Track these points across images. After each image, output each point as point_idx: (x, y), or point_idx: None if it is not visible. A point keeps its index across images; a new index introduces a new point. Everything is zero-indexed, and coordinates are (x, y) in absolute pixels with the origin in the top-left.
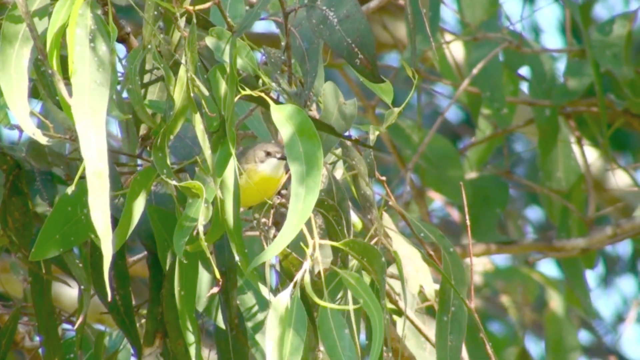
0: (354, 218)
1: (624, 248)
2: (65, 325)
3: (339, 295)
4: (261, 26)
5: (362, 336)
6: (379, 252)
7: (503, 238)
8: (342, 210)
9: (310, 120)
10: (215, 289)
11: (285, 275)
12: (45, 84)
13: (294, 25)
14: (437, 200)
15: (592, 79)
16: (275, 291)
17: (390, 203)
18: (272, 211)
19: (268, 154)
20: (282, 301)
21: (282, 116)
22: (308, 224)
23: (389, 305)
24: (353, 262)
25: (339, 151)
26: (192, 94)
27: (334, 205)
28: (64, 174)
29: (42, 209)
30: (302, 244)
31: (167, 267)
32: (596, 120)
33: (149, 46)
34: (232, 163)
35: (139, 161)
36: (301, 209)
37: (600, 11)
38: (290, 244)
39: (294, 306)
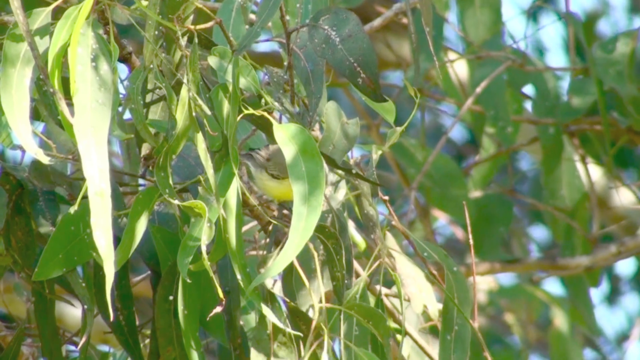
0: (358, 238)
1: (629, 266)
2: (70, 347)
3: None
4: (264, 45)
5: None
6: (383, 316)
7: (507, 257)
8: (343, 240)
9: (314, 139)
10: (219, 309)
11: (288, 297)
12: (46, 104)
13: (299, 47)
14: (441, 219)
15: (595, 97)
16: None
17: (393, 223)
18: (270, 229)
19: None
20: None
21: (286, 135)
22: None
23: (393, 325)
24: (351, 293)
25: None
26: (194, 114)
27: (334, 233)
28: (67, 193)
29: (46, 228)
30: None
31: (167, 278)
32: (600, 138)
33: (151, 66)
34: (235, 182)
35: (142, 181)
36: (303, 228)
37: (604, 28)
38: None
39: None
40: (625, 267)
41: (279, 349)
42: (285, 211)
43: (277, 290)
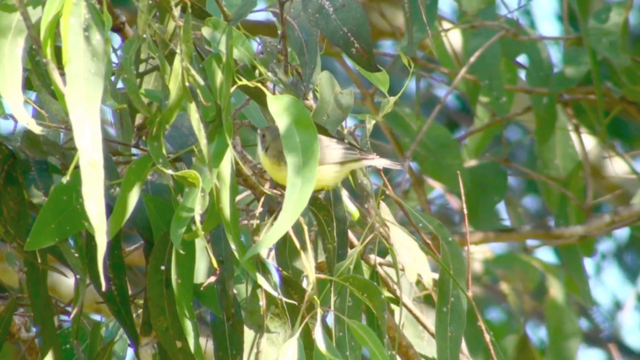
0: (352, 207)
1: (622, 235)
2: (62, 317)
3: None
4: (258, 15)
5: None
6: (378, 289)
7: (501, 226)
8: (335, 212)
9: (307, 110)
10: (213, 278)
11: (282, 267)
12: (39, 74)
13: (293, 17)
14: (436, 188)
15: (589, 67)
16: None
17: (387, 192)
18: (262, 200)
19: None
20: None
21: (279, 107)
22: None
23: (387, 294)
24: (345, 264)
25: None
26: (187, 84)
27: (325, 205)
28: (59, 163)
29: (38, 198)
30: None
31: (159, 247)
32: (594, 108)
33: (144, 35)
34: (229, 153)
35: (135, 150)
36: (297, 199)
37: None
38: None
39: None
40: (619, 236)
41: (272, 320)
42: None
43: (271, 259)
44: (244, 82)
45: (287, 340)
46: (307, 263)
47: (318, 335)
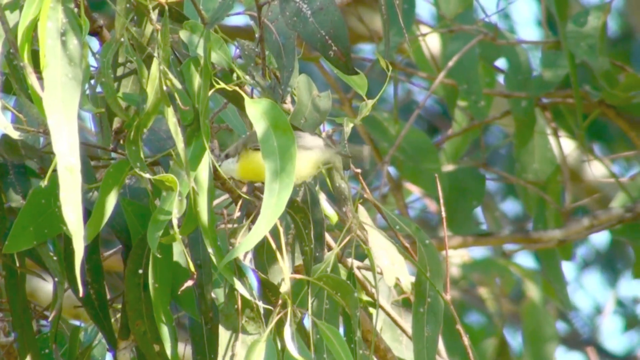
0: (330, 211)
1: (601, 239)
2: (41, 322)
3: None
4: (237, 19)
5: None
6: (352, 287)
7: (480, 230)
8: (313, 215)
9: (285, 114)
10: (190, 282)
11: (260, 270)
12: (17, 78)
13: (270, 20)
14: (414, 192)
15: (567, 71)
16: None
17: (365, 196)
18: (240, 203)
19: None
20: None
21: (257, 111)
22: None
23: (365, 298)
24: (322, 266)
25: None
26: (165, 87)
27: (303, 207)
28: (37, 167)
29: (16, 202)
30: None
31: (136, 251)
32: (572, 112)
33: (122, 39)
34: (207, 156)
35: (113, 154)
36: (275, 204)
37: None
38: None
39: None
40: (598, 240)
41: (247, 324)
42: (257, 184)
43: (249, 262)
44: (222, 85)
45: (256, 341)
46: (283, 265)
47: (287, 335)
